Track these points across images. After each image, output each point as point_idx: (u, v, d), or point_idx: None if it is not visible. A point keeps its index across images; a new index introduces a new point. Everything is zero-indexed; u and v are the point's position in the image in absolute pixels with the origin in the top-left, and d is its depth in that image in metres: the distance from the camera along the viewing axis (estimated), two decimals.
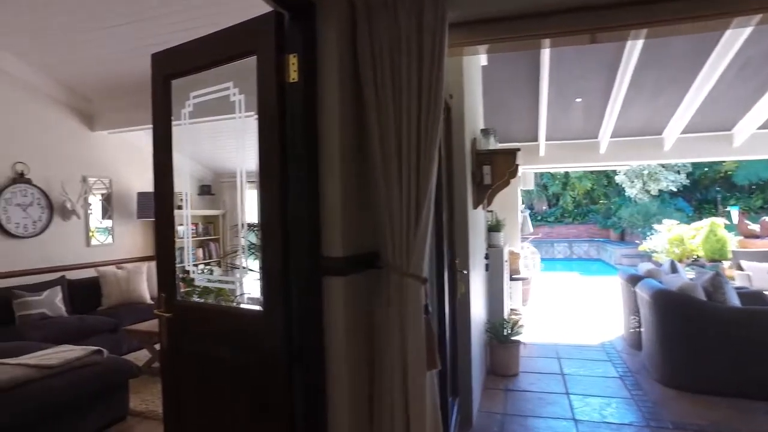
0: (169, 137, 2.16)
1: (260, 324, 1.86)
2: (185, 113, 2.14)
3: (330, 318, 1.83)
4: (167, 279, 2.15)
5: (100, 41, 4.55)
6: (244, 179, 2.01)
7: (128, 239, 6.43)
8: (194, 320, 2.08)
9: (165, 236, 2.18)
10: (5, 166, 5.03)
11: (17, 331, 4.40)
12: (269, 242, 1.82)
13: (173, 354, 2.14)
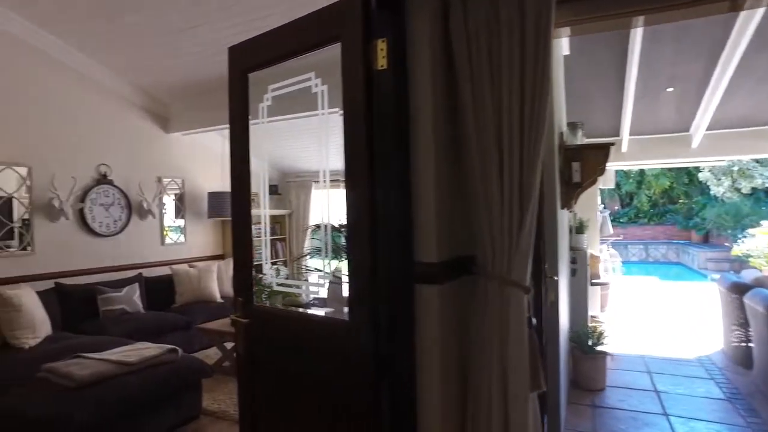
0: (246, 134, 2.06)
1: (345, 334, 1.70)
2: (263, 108, 2.03)
3: (422, 330, 1.64)
4: (244, 283, 2.04)
5: (174, 44, 4.63)
6: (328, 179, 1.86)
7: (199, 238, 6.58)
8: (273, 327, 1.96)
9: (242, 238, 2.08)
10: (91, 167, 5.25)
11: (101, 326, 4.56)
12: (357, 246, 1.66)
13: (250, 362, 2.04)
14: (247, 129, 2.05)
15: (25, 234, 4.69)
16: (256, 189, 7.15)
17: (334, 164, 1.85)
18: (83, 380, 2.95)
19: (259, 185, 2.39)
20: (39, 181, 4.76)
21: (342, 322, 1.73)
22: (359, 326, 1.65)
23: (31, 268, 4.69)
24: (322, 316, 1.79)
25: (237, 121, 2.09)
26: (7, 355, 3.64)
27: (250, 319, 1.98)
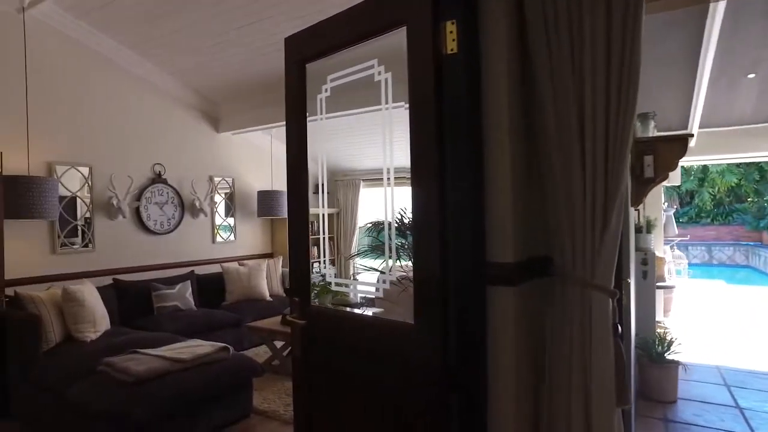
0: (303, 129, 1.97)
1: (410, 339, 1.58)
2: (321, 99, 1.93)
3: (495, 337, 1.50)
4: (301, 283, 1.96)
5: (225, 44, 4.67)
6: (392, 176, 1.74)
7: (249, 237, 6.64)
8: (330, 329, 1.86)
9: (299, 238, 2.00)
10: (146, 167, 5.38)
11: (155, 322, 4.64)
12: (423, 246, 1.54)
13: (306, 365, 1.95)
14: (304, 123, 1.96)
15: (86, 231, 4.84)
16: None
17: (380, 161, 1.74)
18: (139, 376, 2.98)
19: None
20: (99, 180, 4.91)
21: (406, 326, 1.61)
22: (425, 332, 1.53)
23: (91, 265, 4.85)
24: (385, 319, 1.68)
25: (293, 114, 2.01)
26: (72, 347, 3.74)
27: (307, 320, 1.89)
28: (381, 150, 1.77)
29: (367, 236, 6.69)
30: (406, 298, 1.86)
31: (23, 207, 4.01)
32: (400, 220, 2.85)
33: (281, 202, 6.36)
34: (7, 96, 4.24)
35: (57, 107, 4.62)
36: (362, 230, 7.82)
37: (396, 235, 2.72)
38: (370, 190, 7.67)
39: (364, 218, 7.74)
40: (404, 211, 3.11)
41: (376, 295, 1.74)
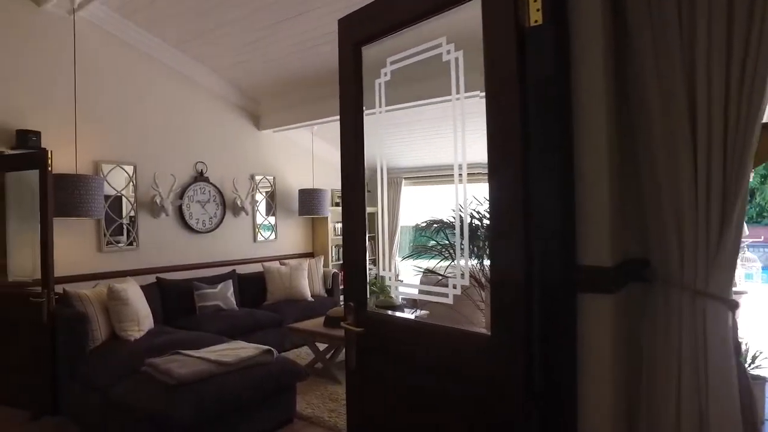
0: (360, 119, 1.80)
1: (485, 352, 1.39)
2: (380, 84, 1.76)
3: (588, 354, 1.29)
4: (357, 287, 1.79)
5: (267, 39, 4.59)
6: (464, 173, 1.55)
7: (290, 236, 6.57)
8: (391, 338, 1.69)
9: (355, 237, 1.83)
10: (189, 165, 5.37)
11: (197, 321, 4.60)
12: (502, 246, 1.34)
13: (361, 376, 1.79)
14: (360, 114, 1.80)
15: (131, 230, 4.85)
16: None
17: (426, 158, 1.55)
18: (182, 378, 2.89)
19: None
20: (143, 178, 4.91)
21: (480, 338, 1.43)
22: (504, 345, 1.33)
23: (135, 263, 4.85)
24: (454, 328, 1.49)
25: (349, 104, 1.84)
26: (117, 346, 3.72)
27: (365, 327, 1.72)
28: (426, 145, 1.58)
29: (421, 236, 6.41)
30: (459, 303, 1.67)
31: (71, 205, 4.02)
32: (478, 218, 2.65)
33: (322, 201, 6.26)
34: (58, 96, 4.27)
35: (103, 106, 4.64)
36: (404, 230, 7.64)
37: (451, 234, 2.52)
38: (413, 188, 7.48)
39: (406, 217, 7.57)
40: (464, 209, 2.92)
41: (444, 301, 1.55)
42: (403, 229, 7.65)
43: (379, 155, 1.84)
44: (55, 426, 3.59)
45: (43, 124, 4.17)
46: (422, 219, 3.26)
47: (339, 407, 3.75)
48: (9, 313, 3.97)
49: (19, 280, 4.07)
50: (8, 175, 4.01)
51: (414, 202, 7.56)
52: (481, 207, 2.92)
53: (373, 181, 6.41)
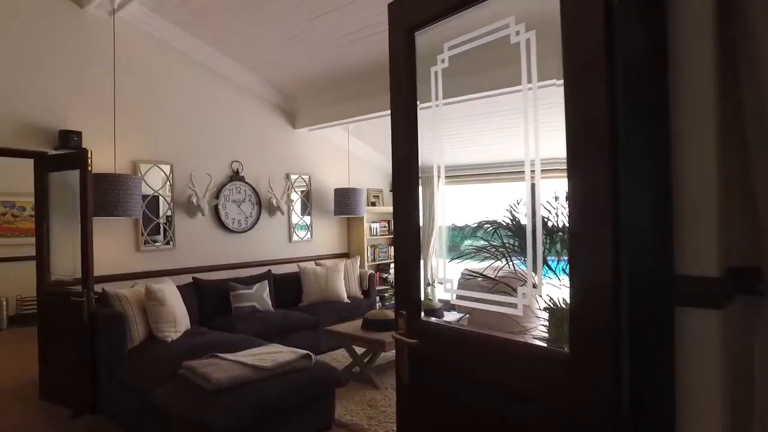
0: (413, 112, 1.65)
1: (562, 371, 1.22)
2: (436, 72, 1.60)
3: (689, 374, 1.10)
4: (410, 294, 1.64)
5: (303, 36, 4.50)
6: (537, 170, 1.37)
7: (325, 236, 6.48)
8: (449, 350, 1.53)
9: (408, 240, 1.68)
10: (225, 164, 5.34)
11: (233, 322, 4.54)
12: (584, 250, 1.17)
13: (414, 392, 1.63)
14: (414, 107, 1.64)
15: (167, 229, 4.85)
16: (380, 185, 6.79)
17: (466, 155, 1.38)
18: (219, 384, 2.81)
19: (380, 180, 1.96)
20: (179, 178, 4.90)
21: (556, 355, 1.25)
22: (585, 364, 1.16)
23: (172, 263, 4.84)
24: (525, 343, 1.33)
25: (401, 96, 1.69)
26: (154, 347, 3.69)
27: (419, 339, 1.57)
28: (472, 142, 1.41)
29: (472, 236, 6.15)
30: None
31: (110, 205, 4.02)
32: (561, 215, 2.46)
33: (358, 201, 6.14)
34: (98, 96, 4.29)
35: (141, 106, 4.65)
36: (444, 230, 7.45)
37: (505, 235, 2.34)
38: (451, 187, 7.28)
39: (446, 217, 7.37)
40: (514, 207, 2.74)
41: (511, 312, 1.38)
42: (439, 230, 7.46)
43: (436, 166, 1.67)
44: (94, 424, 3.59)
45: (83, 124, 4.19)
46: (466, 219, 3.06)
47: (378, 414, 3.61)
48: (52, 311, 4.00)
49: (60, 279, 4.10)
50: (51, 175, 4.04)
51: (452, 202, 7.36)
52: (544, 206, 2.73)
53: None
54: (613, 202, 1.13)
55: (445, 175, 1.64)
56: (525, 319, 2.21)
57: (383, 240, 7.14)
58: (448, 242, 2.13)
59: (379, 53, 4.68)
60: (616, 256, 1.13)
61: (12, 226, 6.97)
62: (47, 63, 4.04)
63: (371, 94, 5.28)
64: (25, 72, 3.93)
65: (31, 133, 3.96)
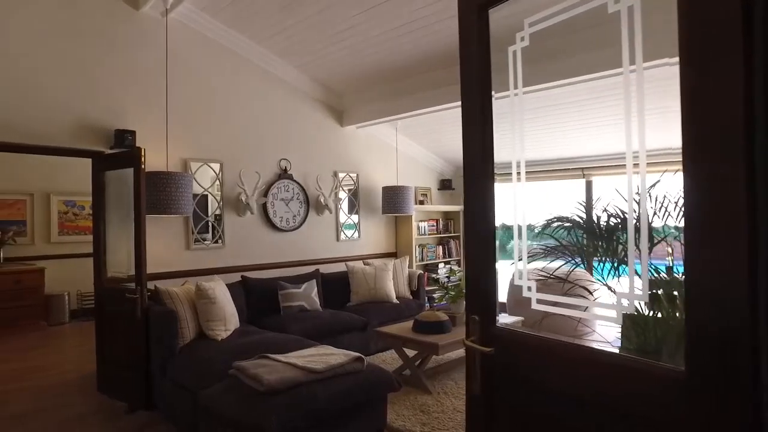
0: (487, 100, 1.48)
1: (677, 393, 1.02)
2: (515, 52, 1.42)
3: None
4: (484, 298, 1.48)
5: (351, 31, 4.41)
6: (642, 162, 1.16)
7: (373, 235, 6.38)
8: (533, 363, 1.35)
9: (481, 239, 1.51)
10: (273, 162, 5.31)
11: (281, 322, 4.49)
12: (707, 253, 0.97)
13: (488, 407, 1.47)
14: (488, 95, 1.47)
15: (217, 227, 4.86)
16: (428, 183, 6.58)
17: None
18: (271, 386, 2.72)
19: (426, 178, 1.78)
20: (228, 176, 4.90)
21: (669, 373, 1.06)
22: (710, 386, 0.96)
23: (221, 261, 4.85)
24: (624, 356, 1.15)
25: (472, 83, 1.52)
26: (205, 346, 3.66)
27: (495, 347, 1.40)
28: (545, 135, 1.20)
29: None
30: None
31: (162, 203, 4.04)
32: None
33: (407, 199, 5.99)
34: (151, 95, 4.34)
35: (192, 104, 4.67)
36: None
37: (581, 236, 2.16)
38: (502, 185, 7.01)
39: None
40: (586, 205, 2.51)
41: (608, 315, 1.19)
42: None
43: (515, 163, 1.49)
44: (149, 420, 3.61)
45: (137, 123, 4.24)
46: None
47: (431, 420, 3.46)
48: (108, 307, 4.07)
49: (116, 275, 4.17)
50: (107, 174, 4.11)
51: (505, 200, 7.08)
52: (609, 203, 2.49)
53: (457, 177, 6.09)
54: (746, 193, 0.93)
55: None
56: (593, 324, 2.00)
57: (431, 239, 6.96)
58: (499, 243, 1.95)
59: (428, 47, 4.52)
60: (751, 260, 0.93)
61: (73, 224, 7.25)
62: (104, 64, 4.12)
63: (420, 89, 5.13)
64: (84, 73, 4.01)
65: (89, 133, 4.03)
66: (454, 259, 7.15)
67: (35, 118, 3.76)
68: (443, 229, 7.10)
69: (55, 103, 3.86)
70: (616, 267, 2.13)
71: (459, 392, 3.93)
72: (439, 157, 7.17)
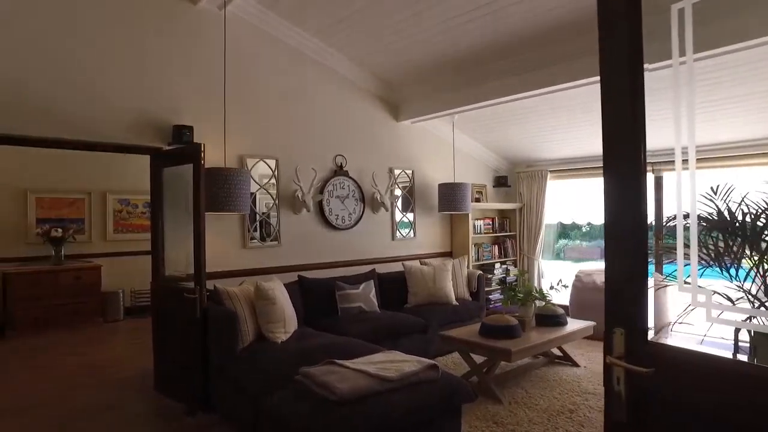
0: (638, 71, 1.22)
1: None
2: (680, 10, 1.16)
3: None
4: (631, 307, 1.22)
5: (409, 21, 4.22)
6: None
7: (428, 234, 6.14)
8: (709, 392, 1.09)
9: (628, 237, 1.25)
10: (329, 158, 5.17)
11: (340, 323, 4.32)
12: None
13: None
14: (640, 58, 1.21)
15: (273, 226, 4.74)
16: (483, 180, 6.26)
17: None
18: (344, 395, 2.53)
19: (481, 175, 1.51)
20: (284, 173, 4.77)
21: None
22: None
23: (277, 260, 4.73)
24: None
25: (618, 52, 1.26)
26: (265, 348, 3.54)
27: (656, 367, 1.15)
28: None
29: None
30: None
31: (220, 200, 3.94)
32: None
33: (464, 197, 5.71)
34: (208, 90, 4.25)
35: (248, 99, 4.57)
36: (548, 228, 6.84)
37: (708, 234, 1.87)
38: (560, 182, 6.65)
39: (552, 215, 6.76)
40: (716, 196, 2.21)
41: None
42: (548, 228, 6.85)
43: (683, 130, 1.23)
44: (208, 423, 3.52)
45: (195, 118, 4.16)
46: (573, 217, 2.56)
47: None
48: (166, 306, 4.00)
49: (174, 274, 4.10)
50: (165, 170, 4.04)
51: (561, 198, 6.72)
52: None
53: (513, 174, 5.76)
54: None
55: (549, 170, 1.20)
56: None
57: (487, 239, 6.66)
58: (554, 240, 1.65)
59: (488, 37, 4.28)
60: None
61: (127, 222, 7.33)
62: (163, 60, 4.06)
63: (478, 81, 4.87)
64: (143, 69, 3.96)
65: (147, 129, 3.97)
66: (510, 259, 6.82)
67: (93, 115, 3.72)
68: (499, 228, 6.78)
69: (113, 100, 3.81)
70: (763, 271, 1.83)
71: (531, 402, 3.66)
72: (494, 153, 6.86)
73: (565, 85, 4.24)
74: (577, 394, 3.79)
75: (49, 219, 6.69)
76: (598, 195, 6.40)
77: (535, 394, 3.81)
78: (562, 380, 4.10)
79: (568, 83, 4.20)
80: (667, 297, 4.65)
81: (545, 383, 4.05)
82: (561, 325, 4.28)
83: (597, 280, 5.45)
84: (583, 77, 4.04)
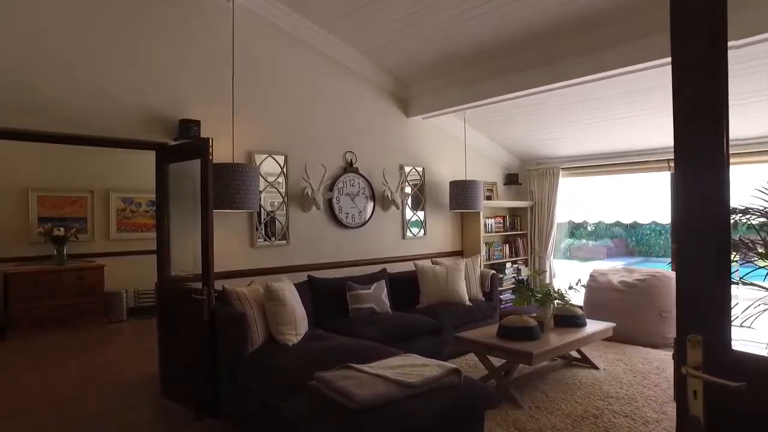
0: (722, 38, 1.08)
1: None
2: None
3: None
4: (710, 312, 1.08)
5: (419, 14, 4.08)
6: None
7: (439, 232, 6.00)
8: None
9: (701, 235, 1.12)
10: (338, 155, 5.02)
11: (351, 325, 4.18)
12: None
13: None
14: (724, 31, 1.07)
15: (281, 224, 4.60)
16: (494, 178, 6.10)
17: None
18: (364, 402, 2.39)
19: None
20: (293, 169, 4.64)
21: None
22: None
23: (285, 259, 4.60)
24: None
25: (697, 23, 1.12)
26: (276, 351, 3.40)
27: (739, 379, 1.01)
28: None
29: (574, 234, 4.81)
30: None
31: (228, 197, 3.81)
32: None
33: (476, 195, 5.57)
34: (216, 84, 4.12)
35: (256, 93, 4.43)
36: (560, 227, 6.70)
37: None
38: (572, 180, 6.51)
39: (564, 213, 6.62)
40: None
41: None
42: (559, 227, 6.71)
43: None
44: (217, 429, 3.39)
45: (202, 113, 4.02)
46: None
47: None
48: (173, 307, 3.87)
49: (180, 274, 3.96)
50: (170, 166, 3.91)
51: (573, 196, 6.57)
52: None
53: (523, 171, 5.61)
54: None
55: (561, 167, 1.05)
56: None
57: (497, 237, 6.52)
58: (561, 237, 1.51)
59: (500, 30, 4.13)
60: None
61: (130, 221, 7.21)
62: (169, 53, 3.93)
63: (490, 76, 4.74)
64: (149, 63, 3.83)
65: (152, 124, 3.84)
66: (521, 258, 6.68)
67: (97, 109, 3.58)
68: (510, 226, 6.64)
69: (117, 94, 3.67)
70: None
71: (552, 407, 3.51)
72: (505, 150, 6.71)
73: (578, 80, 4.12)
74: (600, 398, 3.65)
75: (51, 218, 6.56)
76: (612, 193, 6.26)
77: (556, 398, 3.67)
78: (582, 383, 3.96)
79: (581, 77, 4.07)
80: None
81: (565, 386, 3.91)
82: (580, 326, 4.14)
83: (613, 279, 5.29)
84: (596, 72, 3.91)
